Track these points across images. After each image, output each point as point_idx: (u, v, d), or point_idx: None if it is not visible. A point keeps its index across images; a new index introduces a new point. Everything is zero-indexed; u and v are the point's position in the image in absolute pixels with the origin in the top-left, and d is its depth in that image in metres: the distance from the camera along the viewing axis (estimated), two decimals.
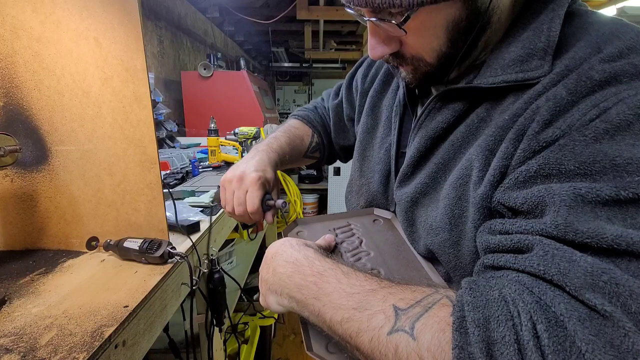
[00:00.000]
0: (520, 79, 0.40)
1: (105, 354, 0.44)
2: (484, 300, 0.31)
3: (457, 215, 0.44)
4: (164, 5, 2.51)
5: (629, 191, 0.30)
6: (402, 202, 0.53)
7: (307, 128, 0.81)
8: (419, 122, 0.52)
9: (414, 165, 0.52)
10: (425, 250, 0.50)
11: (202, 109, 2.56)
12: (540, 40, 0.40)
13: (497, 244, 0.36)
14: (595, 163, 0.32)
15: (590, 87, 0.35)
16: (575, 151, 0.33)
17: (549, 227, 0.32)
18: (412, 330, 0.31)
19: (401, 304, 0.33)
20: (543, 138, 0.36)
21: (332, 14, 3.19)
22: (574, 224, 0.30)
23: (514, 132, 0.39)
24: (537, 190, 0.34)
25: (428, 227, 0.48)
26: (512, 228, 0.36)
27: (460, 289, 0.34)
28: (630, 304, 0.26)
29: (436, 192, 0.49)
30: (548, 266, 0.30)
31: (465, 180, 0.44)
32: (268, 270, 0.44)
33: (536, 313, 0.28)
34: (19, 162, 0.65)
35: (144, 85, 0.62)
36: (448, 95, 0.48)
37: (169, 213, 0.70)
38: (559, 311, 0.28)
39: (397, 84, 0.63)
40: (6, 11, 0.59)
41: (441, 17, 0.40)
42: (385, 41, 0.45)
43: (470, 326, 0.29)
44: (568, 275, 0.29)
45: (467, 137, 0.46)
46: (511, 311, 0.29)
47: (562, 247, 0.31)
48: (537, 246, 0.32)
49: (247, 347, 1.62)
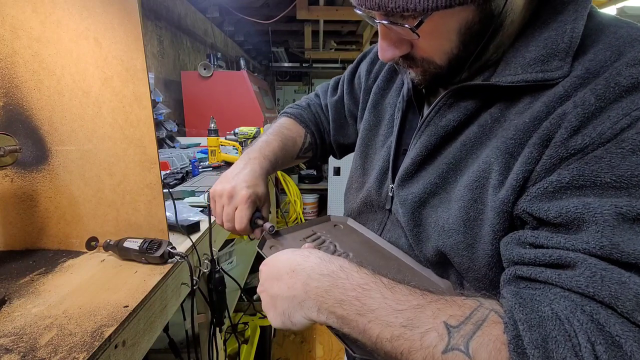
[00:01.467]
0: (540, 78, 0.40)
1: (105, 354, 0.44)
2: (537, 318, 0.30)
3: (473, 217, 0.44)
4: (164, 5, 2.51)
5: None
6: (408, 202, 0.52)
7: (299, 128, 0.78)
8: (427, 120, 0.51)
9: (419, 164, 0.51)
10: (434, 251, 0.49)
11: (202, 109, 2.56)
12: (563, 41, 0.40)
13: (533, 258, 0.36)
14: (632, 177, 0.32)
15: (618, 93, 0.35)
16: (612, 164, 0.33)
17: (593, 247, 0.32)
18: (467, 349, 0.31)
19: (452, 321, 0.33)
20: (572, 145, 0.35)
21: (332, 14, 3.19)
22: (620, 245, 0.30)
23: (538, 137, 0.38)
24: (572, 204, 0.34)
25: (440, 229, 0.47)
26: (549, 243, 0.35)
27: (505, 301, 0.34)
28: None
29: (447, 192, 0.48)
30: (598, 288, 0.30)
31: (483, 183, 0.43)
32: (293, 285, 0.40)
33: (593, 334, 0.29)
34: (19, 162, 0.65)
35: (144, 85, 0.61)
36: (460, 92, 0.47)
37: (169, 213, 0.70)
38: (614, 332, 0.28)
39: (401, 81, 0.62)
40: (6, 11, 0.59)
41: (454, 20, 0.40)
42: (396, 44, 0.45)
43: (528, 347, 0.29)
44: (620, 298, 0.29)
45: (481, 137, 0.45)
46: (568, 330, 0.29)
47: (609, 268, 0.31)
48: (581, 265, 0.32)
49: (247, 347, 1.62)
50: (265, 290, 0.44)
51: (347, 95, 0.76)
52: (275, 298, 0.42)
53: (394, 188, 0.55)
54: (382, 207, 0.60)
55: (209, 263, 0.82)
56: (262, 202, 0.63)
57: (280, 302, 0.41)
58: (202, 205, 1.01)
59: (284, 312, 0.41)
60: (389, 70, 0.66)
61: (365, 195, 0.62)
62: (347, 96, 0.76)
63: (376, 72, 0.70)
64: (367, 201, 0.62)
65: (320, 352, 2.08)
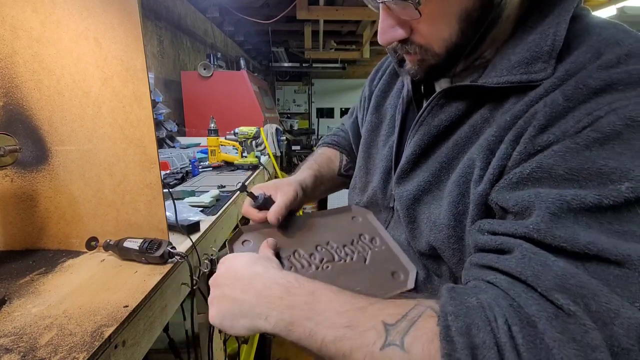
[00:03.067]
0: (524, 80, 0.41)
1: (105, 354, 0.44)
2: (464, 308, 0.33)
3: (461, 212, 0.45)
4: (164, 5, 2.51)
5: (610, 199, 0.32)
6: (404, 199, 0.53)
7: (333, 150, 0.83)
8: (420, 119, 0.52)
9: (414, 162, 0.53)
10: (427, 246, 0.51)
11: (202, 109, 2.56)
12: (546, 44, 0.41)
13: (484, 243, 0.39)
14: (583, 170, 0.34)
15: (586, 94, 0.36)
16: (566, 157, 0.35)
17: (531, 230, 0.34)
18: (402, 343, 0.33)
19: (389, 320, 0.35)
20: (538, 142, 0.37)
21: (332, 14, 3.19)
22: (553, 229, 0.33)
23: (512, 133, 0.40)
24: (527, 194, 0.36)
25: (431, 225, 0.49)
26: (499, 229, 0.38)
27: (440, 296, 0.36)
28: (592, 304, 0.30)
29: (439, 190, 0.50)
30: (524, 268, 0.33)
31: (468, 178, 0.45)
32: (247, 291, 0.41)
33: (510, 316, 0.31)
34: (19, 162, 0.65)
35: (144, 85, 0.62)
36: (451, 93, 0.48)
37: (169, 213, 0.70)
38: (530, 312, 0.31)
39: (401, 83, 0.63)
40: (6, 11, 0.59)
41: (456, 4, 0.41)
42: (397, 26, 0.46)
43: (454, 334, 0.31)
44: (540, 278, 0.32)
45: (471, 137, 0.47)
46: (488, 316, 0.32)
47: (539, 251, 0.33)
48: (517, 249, 0.35)
49: (247, 347, 1.62)
50: (218, 285, 0.44)
51: (359, 114, 0.79)
52: (224, 297, 0.43)
53: (393, 186, 0.57)
54: (387, 205, 0.61)
55: (209, 263, 0.82)
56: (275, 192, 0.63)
57: (228, 303, 0.42)
58: (203, 205, 1.01)
59: (228, 312, 0.41)
60: (390, 73, 0.68)
61: (371, 194, 0.63)
62: (358, 112, 0.79)
63: (379, 78, 0.71)
64: (373, 200, 0.63)
65: None
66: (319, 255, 0.54)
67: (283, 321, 0.38)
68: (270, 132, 2.50)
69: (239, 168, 1.68)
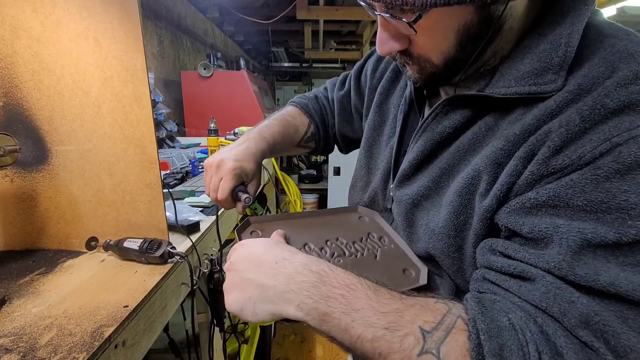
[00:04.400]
0: (533, 92, 0.40)
1: (105, 354, 0.44)
2: (496, 328, 0.34)
3: (462, 222, 0.45)
4: (164, 5, 2.51)
5: (629, 237, 0.32)
6: (403, 202, 0.53)
7: (304, 118, 0.80)
8: (425, 124, 0.52)
9: (416, 167, 0.53)
10: (425, 252, 0.51)
11: (202, 109, 2.55)
12: (557, 55, 0.40)
13: (500, 266, 0.40)
14: (602, 204, 0.34)
15: (603, 115, 0.35)
16: (585, 189, 0.34)
17: (553, 267, 0.35)
18: (438, 352, 0.34)
19: (426, 327, 0.35)
20: (552, 164, 0.37)
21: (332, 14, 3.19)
22: (575, 268, 0.34)
23: (524, 150, 0.39)
24: (544, 223, 0.36)
25: (430, 231, 0.49)
26: (515, 255, 0.38)
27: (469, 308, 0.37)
28: (611, 339, 0.32)
29: (438, 196, 0.49)
30: (550, 304, 0.34)
31: (472, 190, 0.44)
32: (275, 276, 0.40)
33: (541, 344, 0.33)
34: (19, 162, 0.65)
35: (144, 85, 0.61)
36: (457, 100, 0.48)
37: (169, 213, 0.70)
38: (559, 343, 0.33)
39: (405, 81, 0.63)
40: (6, 11, 0.59)
41: (453, 20, 0.41)
42: (395, 38, 0.46)
43: (487, 355, 0.33)
44: (567, 316, 0.33)
45: (474, 144, 0.46)
46: (520, 340, 0.33)
47: (563, 287, 0.34)
48: (539, 281, 0.36)
49: (247, 347, 1.62)
50: (236, 270, 0.43)
51: (354, 91, 0.78)
52: (247, 281, 0.41)
53: (393, 188, 0.57)
54: (386, 207, 0.61)
55: (209, 263, 0.82)
56: (249, 178, 0.64)
57: (251, 288, 0.40)
58: (203, 205, 1.01)
59: (251, 298, 0.40)
60: (394, 70, 0.67)
61: (372, 194, 0.63)
62: (353, 92, 0.78)
63: (381, 72, 0.70)
64: (374, 200, 0.64)
65: (320, 352, 2.08)
66: (329, 249, 0.54)
67: (317, 311, 0.37)
68: None
69: None
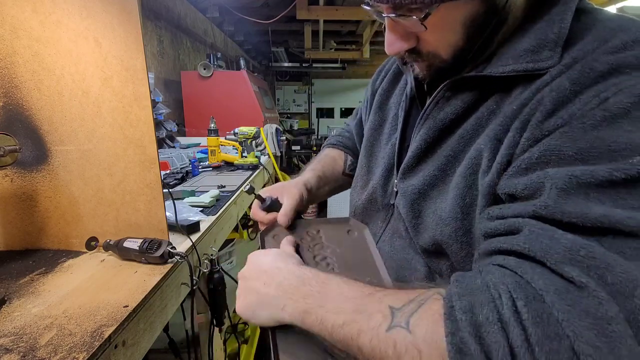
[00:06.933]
0: (530, 68, 0.41)
1: (105, 354, 0.44)
2: (468, 289, 0.33)
3: (468, 204, 0.45)
4: (164, 5, 2.51)
5: (621, 172, 0.31)
6: (408, 194, 0.53)
7: (338, 151, 0.84)
8: (426, 113, 0.52)
9: (419, 157, 0.53)
10: (431, 242, 0.50)
11: (202, 109, 2.56)
12: (552, 32, 0.41)
13: (493, 229, 0.38)
14: (592, 149, 0.33)
15: (592, 78, 0.36)
16: (574, 138, 0.34)
17: (539, 208, 0.34)
18: (407, 325, 0.33)
19: (396, 304, 0.35)
20: (546, 127, 0.37)
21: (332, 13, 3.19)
22: (562, 205, 0.32)
23: (519, 121, 0.40)
24: (536, 176, 0.36)
25: (437, 219, 0.49)
26: (507, 212, 0.37)
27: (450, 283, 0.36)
28: (607, 275, 0.28)
29: (445, 184, 0.49)
30: (532, 244, 0.32)
31: (475, 170, 0.45)
32: (269, 284, 0.43)
33: (516, 292, 0.31)
34: (19, 162, 0.65)
35: (144, 85, 0.61)
36: (457, 85, 0.48)
37: (168, 213, 0.70)
38: (538, 286, 0.30)
39: (404, 81, 0.63)
40: (6, 11, 0.59)
41: (460, 12, 0.42)
42: (403, 37, 0.46)
43: (458, 313, 0.31)
44: (549, 252, 0.31)
45: (477, 129, 0.46)
46: (492, 294, 0.32)
47: (546, 227, 0.33)
48: (525, 227, 0.34)
49: (247, 347, 1.62)
50: (244, 278, 0.47)
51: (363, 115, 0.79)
52: (249, 289, 0.45)
53: (397, 181, 0.56)
54: (386, 203, 0.61)
55: (208, 263, 0.82)
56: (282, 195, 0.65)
57: (252, 295, 0.44)
58: (203, 205, 1.01)
59: (251, 304, 0.44)
60: (394, 72, 0.68)
61: (371, 192, 0.63)
62: (363, 116, 0.79)
63: (382, 77, 0.71)
64: (371, 198, 0.63)
65: None
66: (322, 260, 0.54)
67: (298, 310, 0.40)
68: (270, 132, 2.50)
69: (238, 168, 1.68)
